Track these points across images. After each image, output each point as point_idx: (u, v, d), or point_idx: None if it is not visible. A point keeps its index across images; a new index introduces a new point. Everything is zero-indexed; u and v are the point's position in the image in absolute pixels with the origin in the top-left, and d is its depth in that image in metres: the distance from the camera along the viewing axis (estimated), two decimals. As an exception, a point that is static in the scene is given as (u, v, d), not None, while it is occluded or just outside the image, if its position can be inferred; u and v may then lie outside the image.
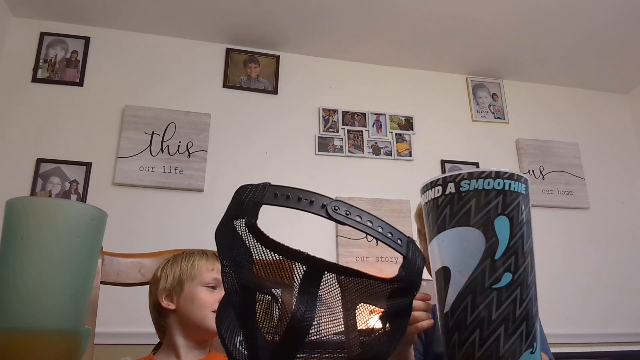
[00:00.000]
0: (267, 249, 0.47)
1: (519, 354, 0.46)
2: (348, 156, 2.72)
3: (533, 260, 0.49)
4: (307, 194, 0.43)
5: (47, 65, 2.50)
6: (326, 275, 0.48)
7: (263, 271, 0.50)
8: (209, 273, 1.06)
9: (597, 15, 2.54)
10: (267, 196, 0.44)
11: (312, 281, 0.48)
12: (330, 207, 0.43)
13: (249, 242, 0.48)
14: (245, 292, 0.49)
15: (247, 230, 0.46)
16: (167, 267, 1.10)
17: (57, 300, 0.43)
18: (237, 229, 0.48)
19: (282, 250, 0.45)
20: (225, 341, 0.48)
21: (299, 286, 0.48)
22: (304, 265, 0.47)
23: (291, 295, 0.48)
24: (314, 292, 0.48)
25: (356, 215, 0.43)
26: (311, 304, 0.47)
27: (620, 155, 3.13)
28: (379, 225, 0.44)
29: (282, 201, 0.44)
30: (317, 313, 0.47)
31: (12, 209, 0.45)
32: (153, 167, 2.42)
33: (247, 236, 0.47)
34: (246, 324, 0.49)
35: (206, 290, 1.05)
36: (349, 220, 0.43)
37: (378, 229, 0.44)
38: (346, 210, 0.43)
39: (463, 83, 3.07)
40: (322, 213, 0.43)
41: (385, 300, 0.48)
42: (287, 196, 0.44)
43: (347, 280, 0.49)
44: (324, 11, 2.52)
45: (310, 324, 0.46)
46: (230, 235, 0.48)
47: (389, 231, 0.44)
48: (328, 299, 0.50)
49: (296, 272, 0.48)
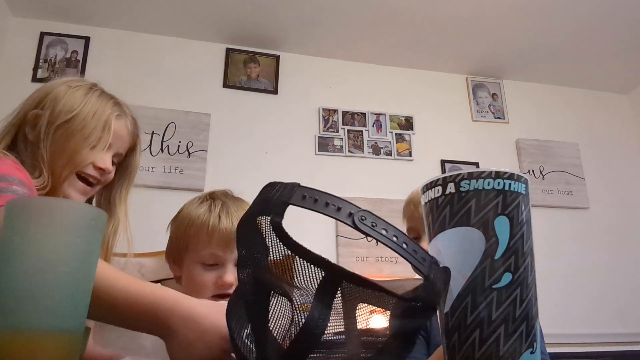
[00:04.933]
0: (289, 250, 0.46)
1: (519, 354, 0.46)
2: (348, 156, 2.72)
3: (533, 260, 0.49)
4: (335, 200, 0.43)
5: (47, 65, 2.50)
6: (344, 284, 0.48)
7: (281, 271, 0.50)
8: (207, 247, 0.86)
9: (597, 15, 2.54)
10: (295, 197, 0.44)
11: (329, 288, 0.47)
12: (357, 217, 0.42)
13: (270, 241, 0.47)
14: (260, 289, 0.49)
15: (272, 228, 0.45)
16: (177, 220, 0.93)
17: (57, 300, 0.43)
18: (260, 226, 0.48)
19: (304, 253, 0.45)
20: (234, 335, 0.48)
21: (315, 292, 0.47)
22: (323, 271, 0.46)
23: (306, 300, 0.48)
24: (329, 300, 0.47)
25: (382, 228, 0.42)
26: (325, 312, 0.46)
27: (620, 155, 3.13)
28: (403, 241, 0.43)
29: (309, 204, 0.43)
30: (330, 322, 0.47)
31: (12, 209, 0.45)
32: (153, 167, 2.42)
33: (270, 234, 0.47)
34: (257, 320, 0.49)
35: (203, 268, 0.86)
36: (374, 233, 0.42)
37: (402, 245, 0.43)
38: (372, 222, 0.42)
39: (463, 83, 3.07)
40: (349, 222, 0.42)
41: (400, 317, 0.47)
42: (315, 199, 0.43)
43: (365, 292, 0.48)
44: (323, 11, 2.52)
45: (323, 332, 0.45)
46: (253, 230, 0.48)
47: (414, 249, 0.43)
48: (343, 308, 0.49)
49: (314, 277, 0.47)
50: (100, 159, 0.93)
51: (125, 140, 1.00)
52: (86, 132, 0.91)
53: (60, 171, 0.89)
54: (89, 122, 0.92)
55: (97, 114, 0.93)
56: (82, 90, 0.94)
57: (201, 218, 0.87)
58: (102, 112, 0.94)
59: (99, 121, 0.93)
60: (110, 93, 1.00)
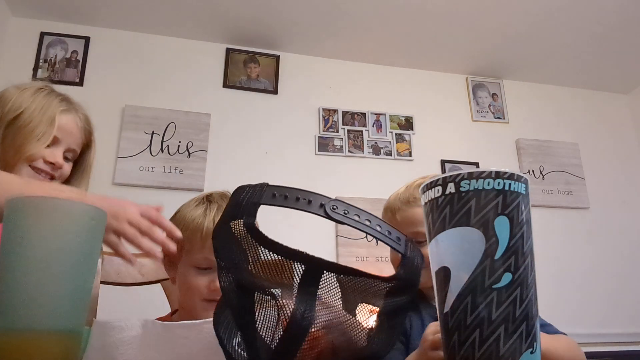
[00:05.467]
0: (266, 249, 0.47)
1: (519, 354, 0.46)
2: (348, 156, 2.72)
3: (533, 260, 0.49)
4: (305, 194, 0.43)
5: (47, 65, 2.50)
6: (325, 275, 0.48)
7: (262, 271, 0.50)
8: (201, 251, 0.84)
9: (597, 15, 2.54)
10: (265, 196, 0.44)
11: (311, 281, 0.47)
12: (328, 207, 0.43)
13: (247, 243, 0.48)
14: (243, 293, 0.49)
15: (246, 230, 0.46)
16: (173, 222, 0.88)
17: (57, 300, 0.43)
18: (234, 229, 0.48)
19: (281, 250, 0.45)
20: (224, 342, 0.48)
21: (298, 286, 0.48)
22: (303, 265, 0.46)
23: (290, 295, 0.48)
24: (313, 291, 0.48)
25: (354, 214, 0.43)
26: (310, 304, 0.47)
27: (620, 155, 3.13)
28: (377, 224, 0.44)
29: (280, 201, 0.43)
30: (317, 312, 0.47)
31: (12, 208, 0.45)
32: (153, 167, 2.42)
33: (246, 237, 0.47)
34: (244, 324, 0.49)
35: (197, 272, 0.84)
36: (347, 220, 0.43)
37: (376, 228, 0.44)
38: (344, 210, 0.43)
39: (463, 83, 3.07)
40: (321, 212, 0.43)
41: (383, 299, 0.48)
42: (285, 196, 0.44)
43: (346, 279, 0.49)
44: (323, 11, 2.52)
45: (310, 324, 0.46)
46: (228, 236, 0.48)
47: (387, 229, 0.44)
48: (327, 298, 0.50)
49: (295, 272, 0.47)
50: (50, 153, 0.99)
51: (75, 135, 1.05)
52: (32, 126, 0.98)
53: (13, 164, 0.97)
54: (35, 117, 0.99)
55: (43, 109, 1.01)
56: (30, 90, 1.03)
57: (196, 222, 0.85)
58: (47, 107, 1.01)
59: (44, 115, 1.00)
60: (61, 92, 1.08)
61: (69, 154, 1.05)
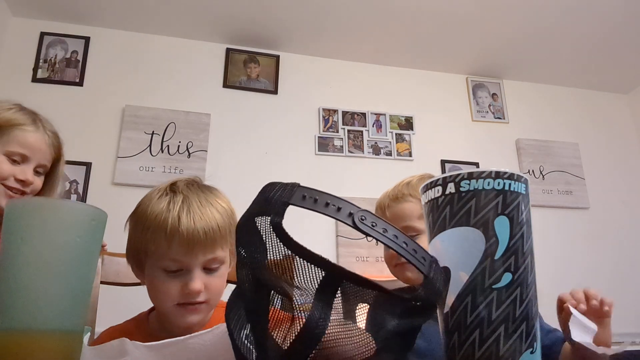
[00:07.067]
0: (289, 250, 0.46)
1: (519, 354, 0.46)
2: (348, 156, 2.72)
3: (533, 260, 0.49)
4: (335, 200, 0.43)
5: (47, 65, 2.50)
6: (344, 284, 0.48)
7: (281, 271, 0.50)
8: (167, 252, 0.74)
9: (597, 15, 2.54)
10: (295, 197, 0.44)
11: (329, 288, 0.47)
12: (357, 217, 0.42)
13: (270, 241, 0.47)
14: (260, 289, 0.48)
15: (272, 228, 0.45)
16: (134, 217, 0.81)
17: (57, 300, 0.43)
18: (258, 225, 0.47)
19: (304, 253, 0.45)
20: (234, 335, 0.48)
21: (315, 292, 0.47)
22: (323, 271, 0.46)
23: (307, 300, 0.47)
24: (329, 299, 0.47)
25: (382, 228, 0.42)
26: (326, 312, 0.46)
27: (620, 155, 3.13)
28: (403, 240, 0.43)
29: (309, 204, 0.43)
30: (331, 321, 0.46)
31: (13, 209, 0.45)
32: (153, 167, 2.42)
33: (270, 235, 0.46)
34: (256, 320, 0.48)
35: (166, 276, 0.75)
36: (374, 232, 0.42)
37: (403, 245, 0.43)
38: (372, 222, 0.42)
39: (463, 83, 3.07)
40: (349, 222, 0.42)
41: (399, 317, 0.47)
42: (315, 199, 0.43)
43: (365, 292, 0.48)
44: (323, 11, 2.52)
45: (323, 332, 0.45)
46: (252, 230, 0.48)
47: (413, 248, 0.43)
48: (343, 308, 0.49)
49: (315, 277, 0.47)
50: (20, 171, 1.04)
51: (45, 152, 1.10)
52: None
53: None
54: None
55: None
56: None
57: (159, 218, 0.75)
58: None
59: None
60: (31, 110, 1.15)
61: (40, 169, 1.10)
